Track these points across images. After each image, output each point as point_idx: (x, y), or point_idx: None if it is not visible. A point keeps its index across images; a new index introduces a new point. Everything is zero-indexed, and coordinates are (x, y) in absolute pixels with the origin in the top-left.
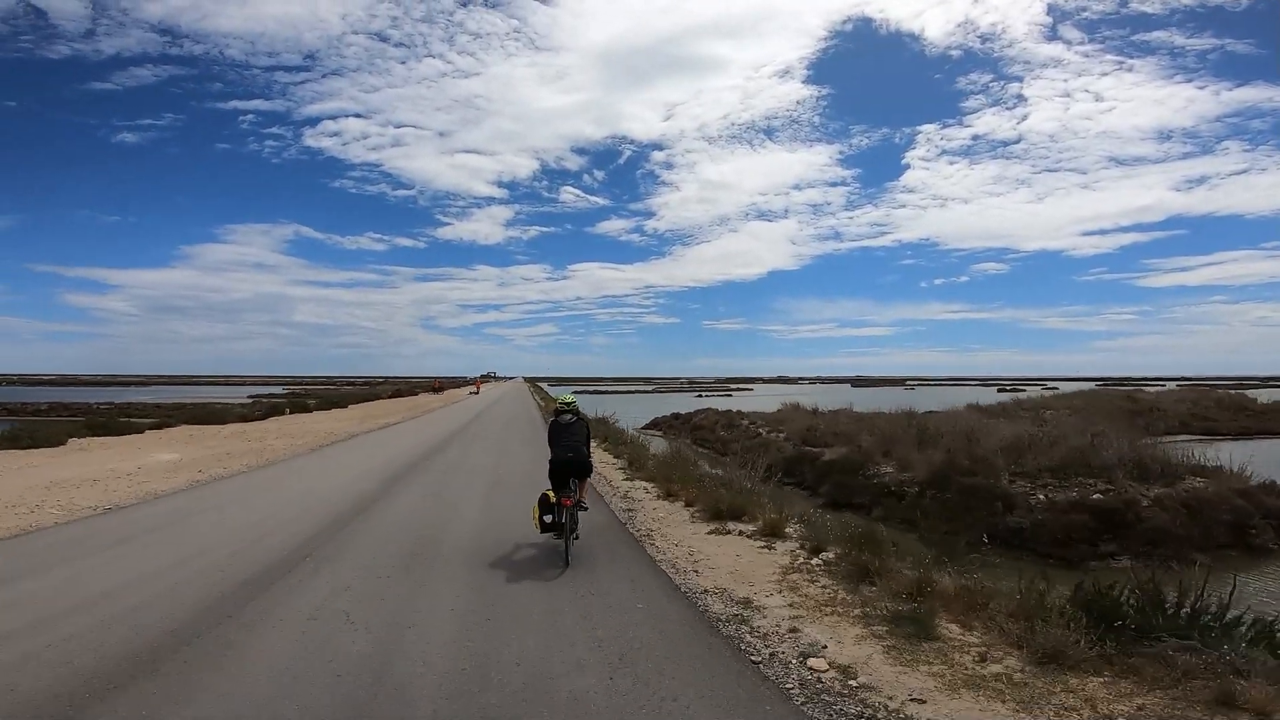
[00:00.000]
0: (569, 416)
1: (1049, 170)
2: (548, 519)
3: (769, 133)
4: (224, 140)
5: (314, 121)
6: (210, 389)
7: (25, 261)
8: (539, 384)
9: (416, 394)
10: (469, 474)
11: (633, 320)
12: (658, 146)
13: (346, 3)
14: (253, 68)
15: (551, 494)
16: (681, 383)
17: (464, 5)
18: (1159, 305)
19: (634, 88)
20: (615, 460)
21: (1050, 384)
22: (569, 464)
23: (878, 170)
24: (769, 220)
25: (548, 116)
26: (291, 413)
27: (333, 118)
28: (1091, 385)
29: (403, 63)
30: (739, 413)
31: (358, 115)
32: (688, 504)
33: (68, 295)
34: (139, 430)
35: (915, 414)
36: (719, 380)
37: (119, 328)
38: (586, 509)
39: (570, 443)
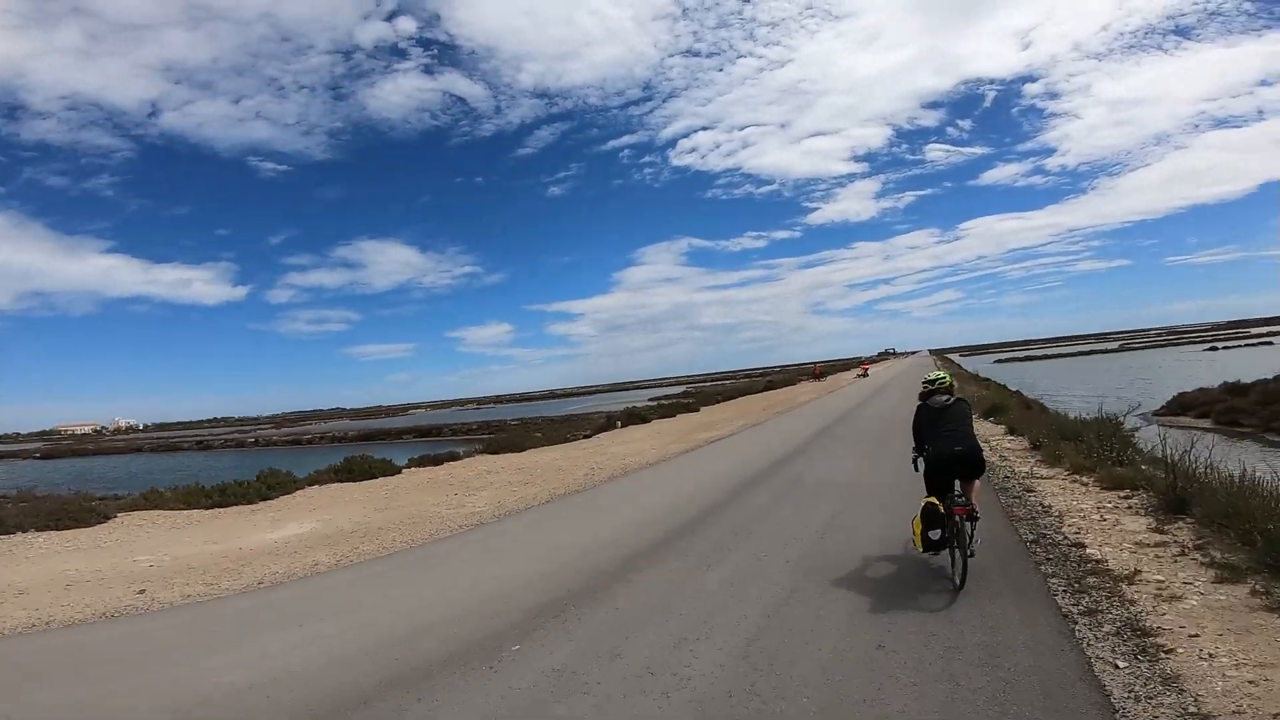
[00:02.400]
0: (944, 398)
1: None
2: (933, 534)
3: (1182, 33)
4: (615, 177)
5: (673, 143)
6: (629, 394)
7: (521, 304)
8: (947, 356)
9: (796, 383)
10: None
11: (1058, 270)
12: (1028, 79)
13: (652, 31)
14: (610, 109)
15: (937, 501)
16: (1157, 334)
17: (747, 1)
18: None
19: (965, 25)
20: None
21: None
22: (956, 459)
23: None
24: (1235, 127)
25: (879, 80)
26: (673, 414)
27: (685, 136)
28: None
29: (720, 70)
30: None
31: (705, 128)
32: None
33: (551, 326)
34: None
35: None
36: (1222, 326)
37: (586, 347)
38: (979, 517)
39: (954, 431)
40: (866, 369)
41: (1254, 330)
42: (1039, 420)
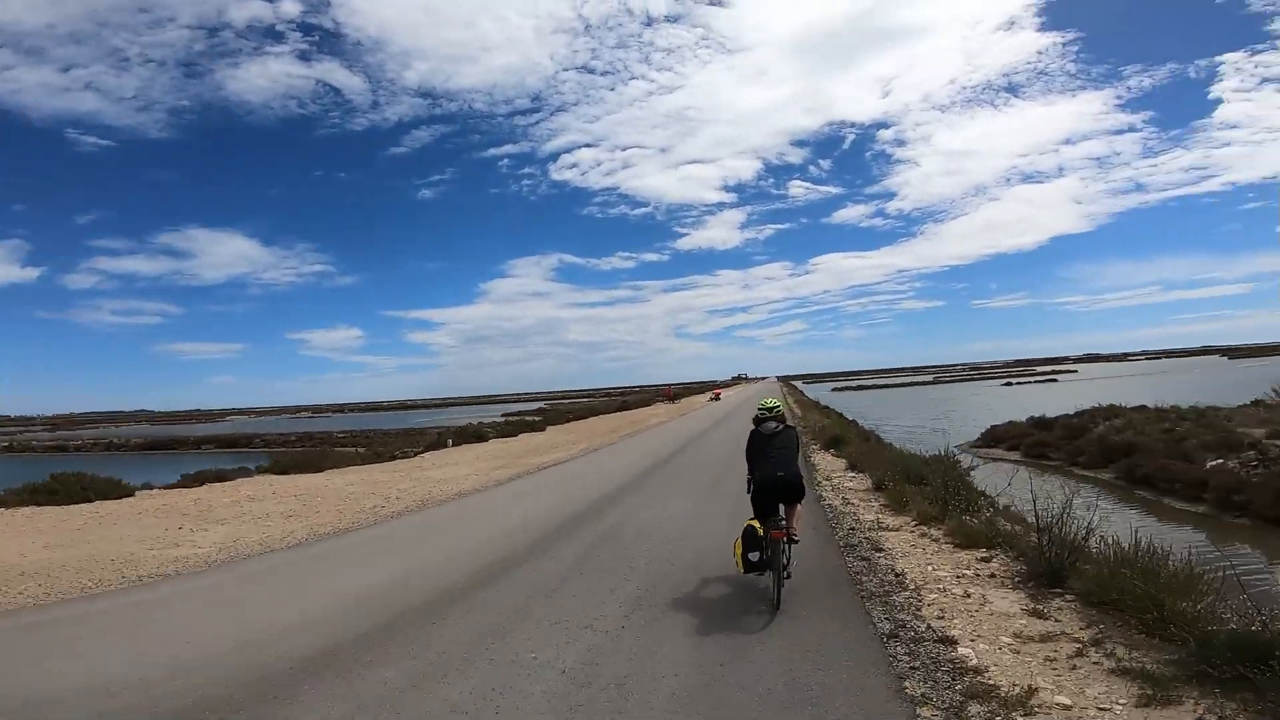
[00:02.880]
0: (773, 424)
1: None
2: (753, 556)
3: (1013, 90)
4: (492, 185)
5: (554, 157)
6: (484, 408)
7: (377, 309)
8: (792, 383)
9: (652, 404)
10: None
11: (887, 308)
12: (882, 125)
13: (550, 44)
14: (495, 116)
15: (758, 525)
16: (962, 370)
17: (648, 25)
18: None
19: (839, 69)
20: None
21: None
22: (777, 485)
23: (1177, 110)
24: (1039, 183)
25: (758, 115)
26: (516, 433)
27: (568, 151)
28: None
29: (611, 89)
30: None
31: (588, 145)
32: None
33: (409, 334)
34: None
35: None
36: (1012, 364)
37: (445, 358)
38: (798, 541)
39: (778, 457)
40: (719, 393)
41: (1038, 369)
42: (879, 456)
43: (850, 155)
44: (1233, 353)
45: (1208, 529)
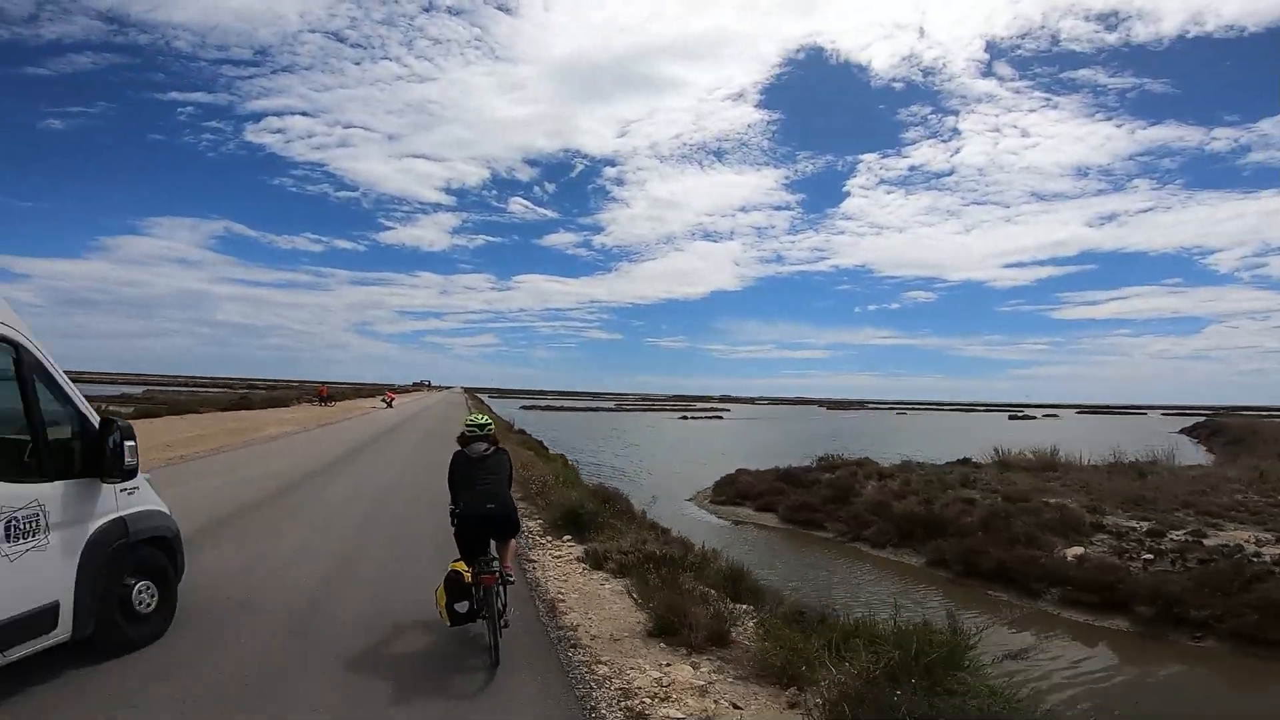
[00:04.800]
0: (483, 445)
1: (976, 203)
2: (460, 608)
3: (719, 154)
4: (158, 131)
5: (258, 117)
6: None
7: None
8: (478, 395)
9: (293, 403)
10: None
11: (576, 334)
12: (610, 162)
13: (306, 0)
14: (199, 60)
15: (464, 569)
16: (636, 399)
17: (426, 11)
18: (1068, 336)
19: (591, 103)
20: None
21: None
22: (489, 519)
23: (821, 196)
24: (714, 241)
25: (502, 126)
26: None
27: (278, 114)
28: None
29: (357, 64)
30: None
31: (304, 114)
32: None
33: None
34: None
35: None
36: (672, 398)
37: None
38: (514, 581)
39: (488, 486)
40: (392, 397)
41: (697, 404)
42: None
43: (575, 184)
44: (829, 404)
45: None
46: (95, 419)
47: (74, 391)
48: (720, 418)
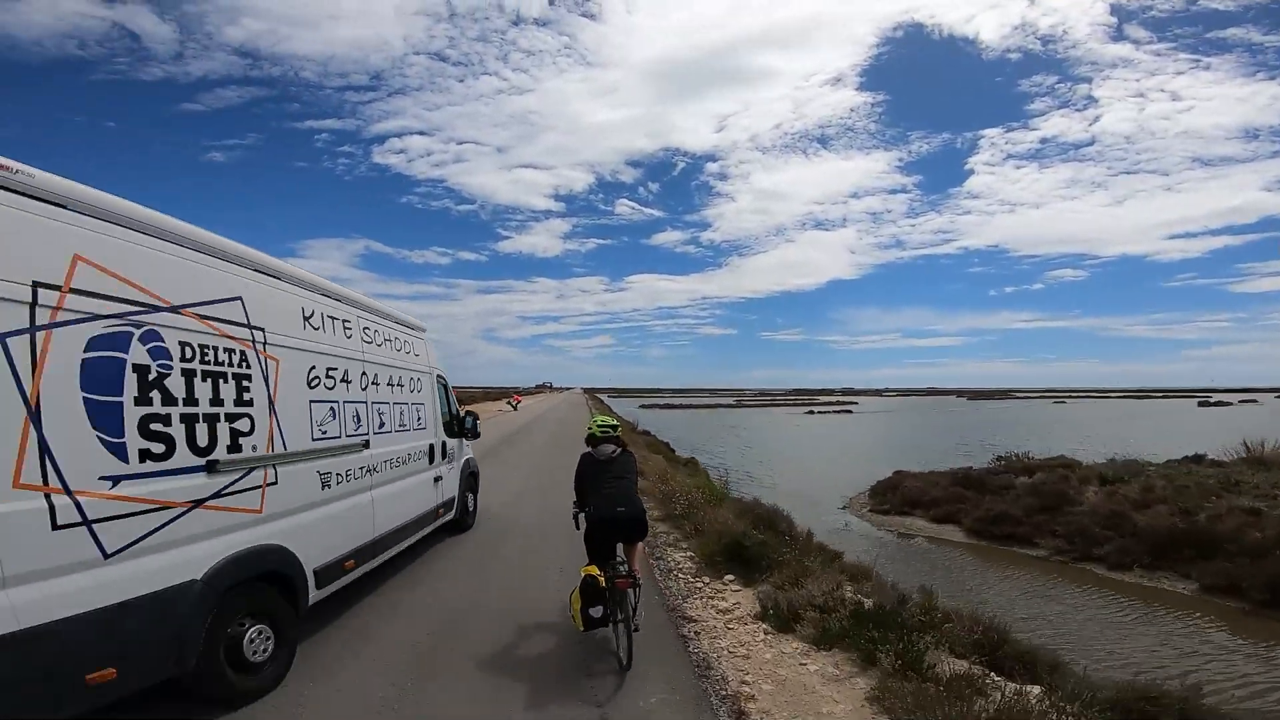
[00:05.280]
0: (610, 447)
1: (1127, 172)
2: (594, 612)
3: (823, 141)
4: (301, 158)
5: (381, 139)
6: None
7: None
8: (598, 395)
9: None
10: None
11: (689, 331)
12: (711, 158)
13: (408, 25)
14: (325, 88)
15: (598, 573)
16: (753, 395)
17: (516, 24)
18: (1254, 311)
19: (685, 100)
20: None
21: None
22: (619, 522)
23: (940, 176)
24: (826, 230)
25: (601, 130)
26: None
27: (398, 135)
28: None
29: (461, 81)
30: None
31: (421, 133)
32: None
33: None
34: None
35: None
36: (790, 392)
37: None
38: (641, 584)
39: (618, 489)
40: (519, 400)
41: (819, 398)
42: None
43: (678, 182)
44: (969, 394)
45: None
46: (460, 410)
47: (454, 397)
48: (849, 411)
